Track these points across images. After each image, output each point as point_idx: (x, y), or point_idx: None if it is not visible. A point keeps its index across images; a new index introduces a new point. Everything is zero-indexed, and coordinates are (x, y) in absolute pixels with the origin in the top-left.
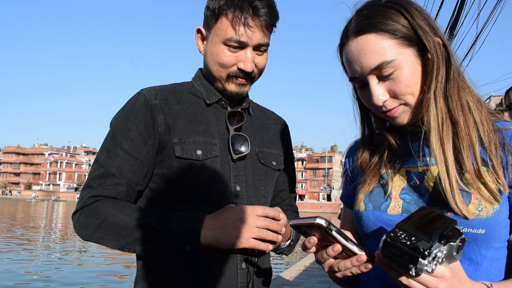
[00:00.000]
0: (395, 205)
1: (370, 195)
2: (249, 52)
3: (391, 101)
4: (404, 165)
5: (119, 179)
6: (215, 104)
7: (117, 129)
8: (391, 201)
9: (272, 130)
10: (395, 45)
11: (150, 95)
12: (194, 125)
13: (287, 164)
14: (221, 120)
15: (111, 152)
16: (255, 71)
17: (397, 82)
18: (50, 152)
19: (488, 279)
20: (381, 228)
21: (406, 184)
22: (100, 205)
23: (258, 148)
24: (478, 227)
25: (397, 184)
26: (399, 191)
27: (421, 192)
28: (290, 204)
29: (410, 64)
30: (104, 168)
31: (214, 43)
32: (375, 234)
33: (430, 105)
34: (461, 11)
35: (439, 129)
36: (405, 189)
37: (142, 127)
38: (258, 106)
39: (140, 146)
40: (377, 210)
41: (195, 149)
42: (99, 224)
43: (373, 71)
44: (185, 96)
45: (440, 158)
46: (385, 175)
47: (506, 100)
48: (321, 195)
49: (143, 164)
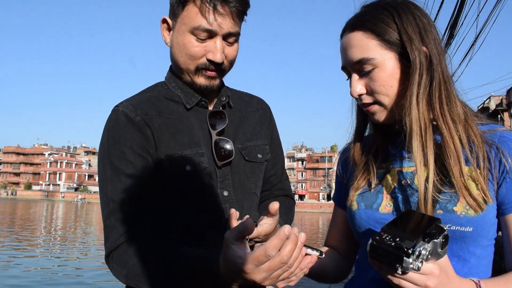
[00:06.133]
0: (387, 204)
1: (362, 194)
2: (218, 42)
3: (366, 97)
4: (395, 164)
5: (129, 206)
6: (195, 106)
7: (112, 157)
8: (382, 200)
9: (253, 118)
10: (378, 45)
11: (129, 112)
12: (179, 138)
13: (274, 148)
14: (204, 122)
15: (115, 182)
16: (225, 63)
17: (373, 80)
18: (50, 152)
19: (476, 275)
20: (374, 226)
21: (397, 183)
22: (124, 252)
23: (241, 145)
24: (466, 225)
25: (389, 183)
26: (390, 190)
27: (412, 192)
28: (282, 188)
29: (390, 66)
30: (114, 201)
31: (181, 32)
32: (368, 233)
33: (411, 109)
34: (461, 11)
35: (421, 133)
36: (396, 188)
37: (136, 146)
38: (236, 93)
39: (141, 165)
40: (369, 209)
41: (184, 164)
42: (126, 275)
43: (355, 65)
44: (163, 105)
45: (420, 161)
46: (377, 175)
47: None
48: (321, 195)
49: (148, 183)
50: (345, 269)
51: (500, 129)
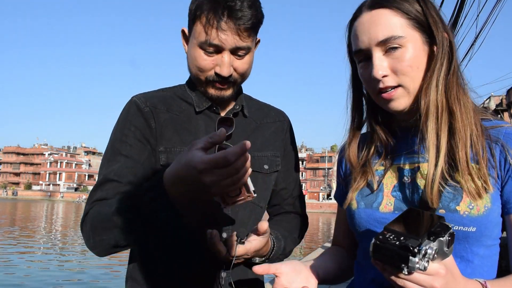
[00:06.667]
0: (387, 203)
1: (361, 193)
2: (226, 56)
3: (391, 78)
4: (395, 161)
5: (118, 183)
6: (206, 110)
7: (115, 139)
8: (383, 199)
9: (268, 129)
10: (406, 24)
11: (141, 102)
12: (182, 135)
13: (288, 162)
14: (211, 127)
15: (111, 161)
16: (234, 76)
17: (400, 60)
18: (50, 152)
19: (480, 276)
20: (374, 226)
21: (398, 181)
22: (93, 209)
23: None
24: (469, 225)
25: (389, 181)
26: (390, 189)
27: (413, 190)
28: (293, 204)
29: (417, 47)
30: (103, 176)
31: (193, 45)
32: (368, 233)
33: (431, 90)
34: (461, 11)
35: (437, 116)
36: (397, 186)
37: (139, 133)
38: (256, 104)
39: (139, 150)
40: (369, 208)
41: None
42: (91, 227)
43: (380, 44)
44: (175, 103)
45: (433, 143)
46: (376, 172)
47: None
48: (321, 195)
49: (145, 168)
50: (349, 266)
51: (505, 126)
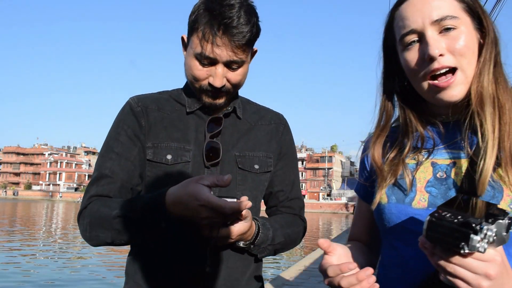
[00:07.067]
0: (421, 198)
1: (392, 187)
2: (219, 69)
3: (448, 58)
4: (429, 155)
5: (111, 179)
6: (198, 111)
7: (109, 137)
8: (416, 194)
9: (262, 131)
10: (460, 7)
11: (134, 103)
12: (170, 132)
13: (285, 164)
14: (202, 126)
15: (104, 157)
16: (227, 86)
17: (457, 39)
18: (50, 152)
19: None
20: (404, 222)
21: (432, 176)
22: (92, 204)
23: (239, 152)
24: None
25: (422, 176)
26: (424, 184)
27: (449, 186)
28: (289, 206)
29: (470, 31)
30: (98, 171)
31: (189, 55)
32: (397, 229)
33: (484, 78)
34: None
35: (493, 104)
36: (431, 181)
37: (130, 131)
38: (254, 107)
39: (130, 147)
40: (401, 203)
41: (166, 153)
42: (89, 222)
43: (434, 23)
44: (169, 104)
45: (492, 133)
46: (408, 166)
47: None
48: (321, 195)
49: (134, 165)
50: (373, 263)
51: None
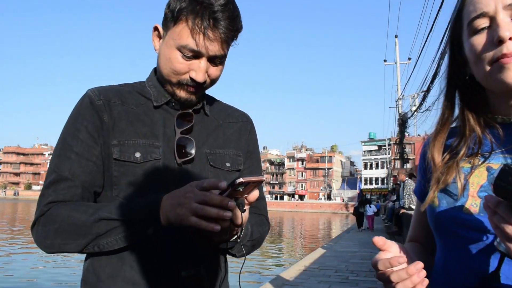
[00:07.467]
0: (472, 203)
1: (445, 190)
2: (202, 63)
3: None
4: (485, 160)
5: (72, 182)
6: (165, 105)
7: (66, 133)
8: (467, 199)
9: (231, 129)
10: None
11: (94, 96)
12: (136, 127)
13: (251, 164)
14: (170, 122)
15: (62, 156)
16: (207, 82)
17: None
18: (50, 152)
19: None
20: (456, 227)
21: (486, 181)
22: (55, 210)
23: (209, 150)
24: None
25: (475, 180)
26: (477, 189)
27: None
28: (255, 207)
29: None
30: (56, 173)
31: (169, 46)
32: (448, 233)
33: None
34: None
35: None
36: (484, 186)
37: (91, 127)
38: (219, 105)
39: (92, 146)
40: (452, 208)
41: (134, 151)
42: (56, 229)
43: (508, 8)
44: (132, 97)
45: None
46: (463, 170)
47: None
48: (321, 195)
49: (97, 165)
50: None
51: None
